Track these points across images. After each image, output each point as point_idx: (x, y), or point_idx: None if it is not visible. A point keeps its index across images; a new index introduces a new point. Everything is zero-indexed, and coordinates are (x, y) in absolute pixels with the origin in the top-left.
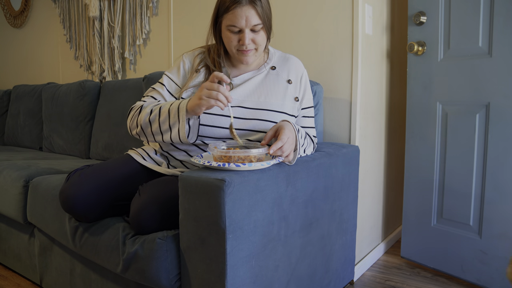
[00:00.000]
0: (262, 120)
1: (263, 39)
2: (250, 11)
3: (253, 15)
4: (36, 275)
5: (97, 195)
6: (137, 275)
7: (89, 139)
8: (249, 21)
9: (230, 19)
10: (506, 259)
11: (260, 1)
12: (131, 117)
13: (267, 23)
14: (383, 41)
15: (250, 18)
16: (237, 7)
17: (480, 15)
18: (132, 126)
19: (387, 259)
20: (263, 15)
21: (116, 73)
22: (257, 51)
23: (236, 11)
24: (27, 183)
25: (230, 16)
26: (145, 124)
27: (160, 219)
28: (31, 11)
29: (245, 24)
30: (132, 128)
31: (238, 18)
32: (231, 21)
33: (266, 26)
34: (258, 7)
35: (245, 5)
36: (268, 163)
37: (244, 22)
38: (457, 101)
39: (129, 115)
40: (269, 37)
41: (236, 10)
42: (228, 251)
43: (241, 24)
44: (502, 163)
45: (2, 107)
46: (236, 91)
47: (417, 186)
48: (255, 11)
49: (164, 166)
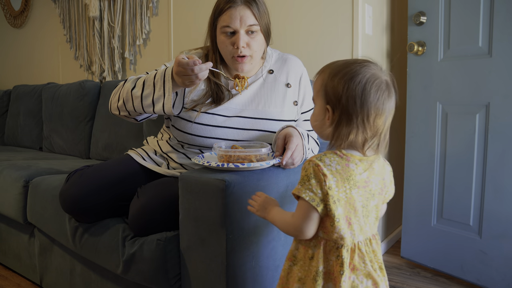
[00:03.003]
0: (262, 131)
1: (260, 44)
2: (245, 11)
3: (249, 15)
4: (36, 275)
5: (97, 195)
6: (138, 276)
7: (89, 139)
8: (244, 21)
9: (224, 20)
10: (506, 259)
11: (256, 3)
12: (113, 93)
13: (264, 26)
14: (383, 41)
15: (245, 18)
16: (231, 8)
17: (480, 15)
18: (113, 101)
19: (387, 259)
20: (259, 17)
21: (116, 73)
22: (253, 58)
23: (230, 11)
24: (27, 183)
25: (224, 17)
26: (127, 98)
27: (159, 221)
28: (31, 11)
29: (240, 25)
30: (113, 102)
31: (232, 18)
32: (225, 21)
33: (263, 29)
34: (254, 8)
35: (240, 5)
36: (268, 163)
37: (239, 22)
38: (457, 101)
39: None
40: (267, 43)
41: (230, 10)
42: (228, 251)
43: (235, 25)
44: (502, 163)
45: (2, 107)
46: (235, 100)
47: (417, 186)
48: (250, 11)
49: (164, 167)
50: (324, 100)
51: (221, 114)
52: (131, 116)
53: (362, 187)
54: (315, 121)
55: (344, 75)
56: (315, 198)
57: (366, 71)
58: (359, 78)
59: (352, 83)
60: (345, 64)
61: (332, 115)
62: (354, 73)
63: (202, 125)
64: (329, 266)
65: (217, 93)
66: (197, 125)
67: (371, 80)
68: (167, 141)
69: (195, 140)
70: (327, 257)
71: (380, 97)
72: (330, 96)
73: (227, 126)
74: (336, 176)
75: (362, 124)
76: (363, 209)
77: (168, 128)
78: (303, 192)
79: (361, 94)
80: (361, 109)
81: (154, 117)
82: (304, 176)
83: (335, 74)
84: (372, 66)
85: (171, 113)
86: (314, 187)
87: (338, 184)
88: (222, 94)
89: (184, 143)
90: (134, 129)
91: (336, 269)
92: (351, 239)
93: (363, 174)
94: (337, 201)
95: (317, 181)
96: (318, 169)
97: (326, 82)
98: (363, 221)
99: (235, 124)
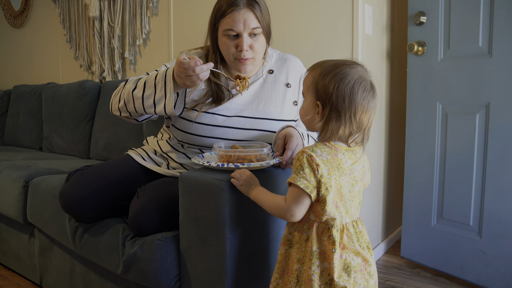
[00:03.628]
0: (262, 131)
1: (262, 45)
2: (248, 14)
3: (252, 18)
4: (36, 275)
5: (97, 195)
6: (138, 276)
7: (89, 139)
8: (248, 24)
9: (227, 23)
10: (506, 259)
11: (259, 4)
12: (114, 94)
13: (266, 28)
14: (383, 41)
15: (248, 21)
16: (234, 11)
17: (480, 15)
18: (114, 102)
19: (387, 259)
20: (262, 19)
21: (116, 73)
22: (255, 59)
23: (233, 15)
24: (27, 183)
25: (227, 20)
26: (128, 100)
27: (159, 221)
28: (31, 11)
29: (243, 28)
30: (114, 103)
31: (236, 21)
32: (228, 25)
33: (265, 31)
34: (257, 10)
35: (243, 8)
36: (268, 163)
37: (242, 25)
38: (457, 101)
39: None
40: (268, 43)
41: (233, 14)
42: (228, 251)
43: (239, 28)
44: (502, 163)
45: (2, 107)
46: (235, 100)
47: (417, 186)
48: (253, 14)
49: (163, 167)
50: (314, 96)
51: (221, 114)
52: (132, 117)
53: (348, 174)
54: (305, 115)
55: (334, 75)
56: (308, 186)
57: (354, 73)
58: (348, 79)
59: (342, 84)
60: (336, 64)
61: (322, 110)
62: (344, 74)
63: (202, 124)
64: (323, 246)
65: (217, 93)
66: (198, 124)
67: (359, 82)
68: (167, 141)
69: (195, 140)
70: (320, 238)
71: (366, 97)
72: (320, 93)
73: (227, 125)
74: (327, 165)
75: (349, 120)
76: (349, 194)
77: (168, 128)
78: (298, 180)
79: (350, 93)
80: (349, 107)
81: (154, 118)
82: (298, 166)
83: (326, 73)
84: (359, 68)
85: (173, 113)
86: (308, 175)
87: (329, 172)
88: (222, 94)
89: (184, 143)
90: (134, 129)
91: (328, 248)
92: (339, 220)
93: (349, 163)
94: (329, 187)
95: (311, 170)
96: (311, 159)
97: (317, 80)
98: (349, 205)
99: (235, 123)
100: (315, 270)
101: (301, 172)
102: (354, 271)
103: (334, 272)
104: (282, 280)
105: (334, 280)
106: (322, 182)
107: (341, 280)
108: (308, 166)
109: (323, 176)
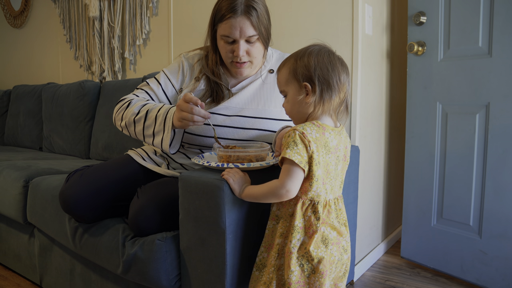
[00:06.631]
0: (262, 130)
1: (259, 50)
2: (244, 22)
3: (248, 26)
4: (36, 275)
5: (97, 195)
6: (138, 276)
7: (89, 139)
8: (244, 32)
9: (224, 29)
10: (506, 259)
11: (256, 10)
12: (118, 108)
13: (264, 33)
14: (383, 41)
15: (244, 29)
16: (231, 18)
17: (480, 15)
18: (117, 118)
19: (387, 259)
20: (259, 26)
21: (116, 73)
22: (253, 63)
23: (230, 22)
24: (27, 183)
25: (224, 26)
26: (129, 123)
27: (159, 221)
28: (31, 11)
29: (239, 35)
30: (116, 119)
31: (232, 29)
32: (225, 31)
33: (262, 37)
34: (253, 17)
35: (240, 15)
36: (268, 163)
37: (238, 33)
38: (457, 101)
39: (116, 105)
40: (266, 47)
41: (230, 21)
42: (228, 251)
43: (235, 35)
44: (502, 163)
45: (2, 107)
46: (235, 99)
47: (417, 186)
48: (250, 22)
49: (163, 167)
50: (297, 81)
51: (221, 113)
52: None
53: (333, 153)
54: (293, 106)
55: (310, 53)
56: (302, 161)
57: (322, 47)
58: (322, 52)
59: (319, 56)
60: (303, 48)
61: (311, 89)
62: (316, 50)
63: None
64: (305, 221)
65: (217, 92)
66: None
67: (327, 50)
68: None
69: (195, 140)
70: (303, 213)
71: (338, 59)
72: (304, 73)
73: (227, 125)
74: (316, 143)
75: (337, 85)
76: (334, 172)
77: None
78: (293, 155)
79: (329, 61)
80: (333, 73)
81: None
82: (291, 142)
83: (301, 56)
84: (321, 43)
85: (168, 151)
86: (301, 151)
87: (318, 149)
88: (222, 93)
89: (184, 143)
90: None
91: (313, 223)
92: (324, 197)
93: (334, 142)
94: (318, 163)
95: (303, 146)
96: (304, 136)
97: (295, 66)
98: (334, 182)
99: (235, 123)
100: (295, 243)
101: (295, 148)
102: (331, 243)
103: (311, 245)
104: (267, 253)
105: (312, 251)
106: (314, 158)
107: (320, 251)
108: (301, 142)
109: (314, 152)
